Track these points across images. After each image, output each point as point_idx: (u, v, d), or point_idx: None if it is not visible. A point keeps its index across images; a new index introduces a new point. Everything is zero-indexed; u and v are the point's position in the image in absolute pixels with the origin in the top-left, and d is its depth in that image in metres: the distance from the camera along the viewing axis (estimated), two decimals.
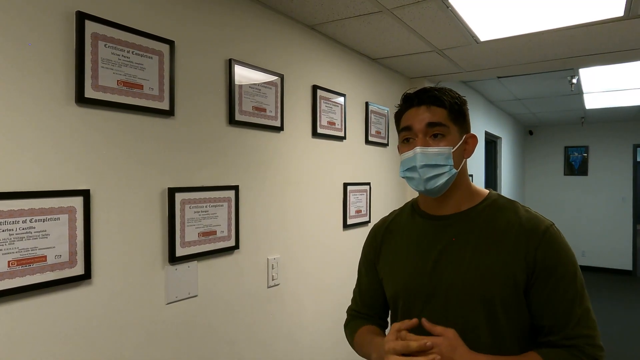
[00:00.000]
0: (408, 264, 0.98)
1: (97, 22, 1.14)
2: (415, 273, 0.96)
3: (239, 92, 1.56)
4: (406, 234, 1.03)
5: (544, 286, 0.86)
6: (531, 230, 0.88)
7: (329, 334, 2.10)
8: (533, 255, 0.86)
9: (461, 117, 0.95)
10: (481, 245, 0.91)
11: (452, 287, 0.91)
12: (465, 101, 0.98)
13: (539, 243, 0.87)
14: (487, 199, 0.97)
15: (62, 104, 1.08)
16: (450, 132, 0.92)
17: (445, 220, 0.96)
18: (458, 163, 0.93)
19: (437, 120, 0.92)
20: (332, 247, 2.14)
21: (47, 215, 1.04)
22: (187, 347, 1.40)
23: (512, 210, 0.93)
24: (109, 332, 1.18)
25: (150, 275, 1.29)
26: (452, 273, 0.91)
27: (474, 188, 0.99)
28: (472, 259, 0.90)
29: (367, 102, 2.40)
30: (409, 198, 2.94)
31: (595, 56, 2.32)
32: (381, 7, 1.68)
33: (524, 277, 0.86)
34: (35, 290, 1.02)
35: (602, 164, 6.39)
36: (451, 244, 0.93)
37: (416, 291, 0.95)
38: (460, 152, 0.94)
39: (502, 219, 0.92)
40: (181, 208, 1.36)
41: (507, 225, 0.91)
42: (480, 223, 0.93)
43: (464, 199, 0.97)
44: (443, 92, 0.94)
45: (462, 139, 0.94)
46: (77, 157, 1.11)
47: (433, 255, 0.94)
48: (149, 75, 1.27)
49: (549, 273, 0.86)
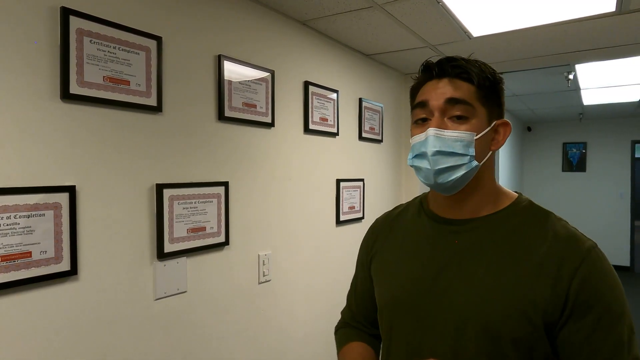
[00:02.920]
0: (402, 273, 0.82)
1: (82, 17, 1.13)
2: (410, 285, 0.79)
3: (228, 88, 1.56)
4: (407, 236, 0.85)
5: (578, 328, 0.67)
6: (567, 252, 0.69)
7: (321, 330, 2.10)
8: (567, 286, 0.67)
9: (494, 98, 0.76)
10: (498, 263, 0.72)
11: (452, 310, 0.73)
12: (501, 79, 0.78)
13: (576, 271, 0.67)
14: (514, 205, 0.78)
15: (47, 100, 1.08)
16: (477, 115, 0.74)
17: (458, 225, 0.78)
18: (482, 155, 0.75)
19: (461, 96, 0.73)
20: (325, 244, 2.14)
21: (31, 212, 1.04)
22: (176, 343, 1.40)
23: (544, 223, 0.74)
24: (97, 328, 1.19)
25: (139, 271, 1.29)
26: (455, 292, 0.73)
27: (499, 189, 0.80)
28: (484, 278, 0.72)
29: (361, 98, 2.39)
30: (403, 195, 2.94)
31: (589, 52, 2.32)
32: (372, 3, 1.68)
33: (551, 312, 0.67)
34: (21, 286, 1.03)
35: (600, 160, 6.38)
36: (460, 256, 0.75)
37: (407, 307, 0.78)
38: (487, 141, 0.76)
39: (530, 232, 0.73)
40: (170, 204, 1.36)
41: (536, 241, 0.72)
42: (501, 234, 0.74)
43: (485, 201, 0.78)
44: (473, 63, 0.76)
45: (490, 126, 0.76)
46: (63, 153, 1.11)
47: (435, 267, 0.77)
48: (136, 71, 1.26)
49: (586, 311, 0.66)
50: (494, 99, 0.77)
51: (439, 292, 0.75)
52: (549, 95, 4.46)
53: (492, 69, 0.78)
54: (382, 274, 0.87)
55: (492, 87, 0.76)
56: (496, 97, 0.78)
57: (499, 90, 0.78)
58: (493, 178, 0.80)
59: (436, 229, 0.80)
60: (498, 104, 0.78)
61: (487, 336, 0.69)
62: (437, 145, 0.73)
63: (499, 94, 0.78)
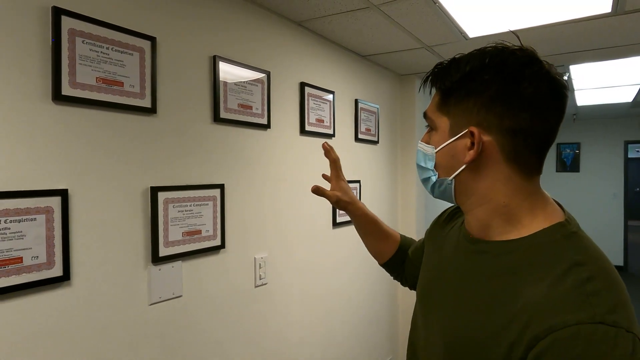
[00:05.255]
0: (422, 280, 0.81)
1: (75, 17, 1.11)
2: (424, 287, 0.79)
3: (224, 90, 1.54)
4: (445, 238, 0.80)
5: None
6: (538, 317, 0.52)
7: (317, 333, 2.09)
8: (523, 351, 0.52)
9: (461, 102, 0.63)
10: (479, 304, 0.61)
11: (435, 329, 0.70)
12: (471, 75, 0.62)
13: (539, 339, 0.51)
14: (536, 236, 0.60)
15: (38, 102, 1.05)
16: (437, 126, 0.67)
17: (468, 243, 0.69)
18: (449, 168, 0.66)
19: (427, 110, 0.70)
20: (322, 246, 2.12)
21: (22, 216, 1.01)
22: (172, 348, 1.38)
23: (554, 273, 0.55)
24: (90, 334, 1.16)
25: (133, 275, 1.27)
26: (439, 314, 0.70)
27: (521, 209, 0.63)
28: (460, 313, 0.64)
29: (357, 99, 2.38)
30: (400, 196, 2.93)
31: (585, 53, 2.32)
32: (368, 4, 1.67)
33: None
34: (12, 292, 1.00)
35: (594, 161, 6.43)
36: (456, 280, 0.68)
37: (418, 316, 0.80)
38: (452, 153, 0.65)
39: (528, 284, 0.56)
40: (164, 207, 1.34)
41: (527, 293, 0.55)
42: (497, 271, 0.61)
43: (491, 222, 0.65)
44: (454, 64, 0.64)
45: (456, 136, 0.64)
46: (55, 156, 1.09)
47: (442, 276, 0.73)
48: (130, 72, 1.24)
49: None
50: (464, 103, 0.63)
51: (434, 303, 0.73)
52: None
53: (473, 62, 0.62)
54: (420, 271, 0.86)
55: (457, 90, 0.63)
56: (472, 98, 0.62)
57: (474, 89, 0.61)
58: (505, 193, 0.63)
59: (458, 241, 0.73)
60: (477, 103, 0.61)
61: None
62: (417, 158, 0.73)
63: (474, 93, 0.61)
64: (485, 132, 0.61)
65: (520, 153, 0.61)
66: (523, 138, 0.60)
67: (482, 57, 0.61)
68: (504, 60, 0.60)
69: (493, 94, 0.60)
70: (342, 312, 2.28)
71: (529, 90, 0.59)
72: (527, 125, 0.60)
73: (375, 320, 2.64)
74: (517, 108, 0.59)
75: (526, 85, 0.59)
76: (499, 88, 0.60)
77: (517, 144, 0.61)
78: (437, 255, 0.80)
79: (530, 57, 0.60)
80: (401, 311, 2.97)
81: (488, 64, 0.61)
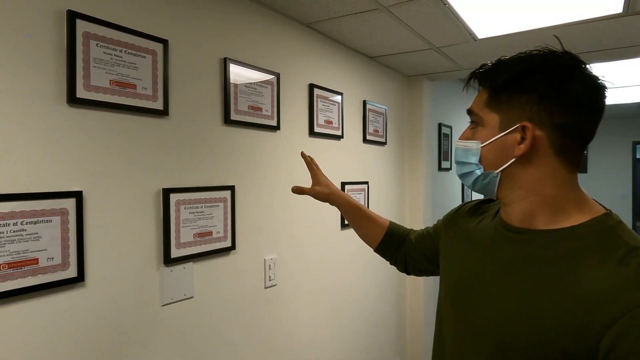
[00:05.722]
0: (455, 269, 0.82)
1: (89, 21, 1.12)
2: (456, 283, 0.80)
3: (234, 91, 1.55)
4: (476, 230, 0.82)
5: None
6: (617, 296, 0.56)
7: (327, 333, 2.09)
8: (597, 335, 0.55)
9: (512, 99, 0.67)
10: (535, 286, 0.64)
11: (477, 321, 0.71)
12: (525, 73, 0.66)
13: (617, 319, 0.54)
14: (586, 226, 0.65)
15: (53, 105, 1.06)
16: (484, 122, 0.71)
17: (513, 233, 0.72)
18: (495, 162, 0.70)
19: (472, 107, 0.74)
20: (330, 247, 2.12)
21: (38, 218, 1.02)
22: (183, 349, 1.39)
23: (615, 256, 0.60)
24: (104, 335, 1.17)
25: (145, 277, 1.28)
26: (485, 303, 0.71)
27: (568, 200, 0.68)
28: (515, 298, 0.66)
29: (365, 100, 2.38)
30: (407, 197, 2.93)
31: (594, 53, 2.31)
32: (378, 5, 1.67)
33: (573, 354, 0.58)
34: (28, 293, 1.01)
35: (602, 161, 6.38)
36: (505, 267, 0.70)
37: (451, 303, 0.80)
38: (502, 147, 0.69)
39: (588, 263, 0.61)
40: (176, 209, 1.35)
41: (590, 276, 0.60)
42: (553, 255, 0.65)
43: (538, 212, 0.68)
44: (502, 64, 0.69)
45: (506, 131, 0.68)
46: (69, 158, 1.10)
47: (479, 268, 0.75)
48: (142, 75, 1.25)
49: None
50: (516, 99, 0.67)
51: (477, 302, 0.73)
52: None
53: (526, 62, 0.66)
54: (445, 262, 0.87)
55: (509, 87, 0.67)
56: (524, 95, 0.66)
57: (527, 86, 0.66)
58: (548, 189, 0.67)
59: (496, 233, 0.76)
60: (529, 100, 0.66)
61: (498, 355, 0.66)
62: (455, 155, 0.77)
63: (527, 90, 0.66)
64: (537, 127, 0.66)
65: (567, 147, 0.66)
66: (570, 133, 0.65)
67: (532, 58, 0.67)
68: (555, 61, 0.66)
69: (544, 91, 0.65)
70: (350, 312, 2.28)
71: (578, 89, 0.64)
72: (574, 122, 0.65)
73: (383, 321, 2.64)
74: (566, 105, 0.64)
75: (575, 84, 0.64)
76: (551, 86, 0.65)
77: (564, 139, 0.66)
78: (468, 247, 0.81)
79: (576, 60, 0.66)
80: (409, 312, 2.97)
81: (539, 65, 0.66)
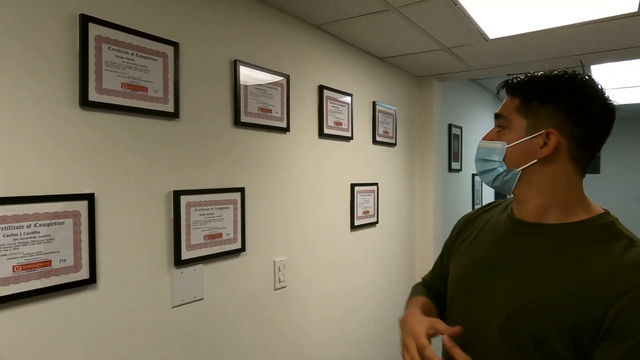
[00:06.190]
0: (469, 257, 0.92)
1: (101, 24, 1.13)
2: (469, 269, 0.89)
3: (244, 93, 1.55)
4: (487, 227, 0.94)
5: (610, 352, 0.66)
6: (622, 277, 0.67)
7: (337, 335, 2.08)
8: (604, 309, 0.66)
9: (539, 108, 0.79)
10: (550, 272, 0.74)
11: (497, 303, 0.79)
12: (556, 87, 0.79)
13: (622, 295, 0.65)
14: (590, 221, 0.77)
15: (66, 108, 1.07)
16: (512, 126, 0.82)
17: (524, 227, 0.83)
18: (518, 161, 0.81)
19: (500, 111, 0.85)
20: (340, 249, 2.12)
21: (51, 220, 1.03)
22: (193, 351, 1.39)
23: (615, 244, 0.72)
24: (115, 336, 1.18)
25: (156, 278, 1.28)
26: (502, 287, 0.80)
27: (575, 200, 0.80)
28: (529, 282, 0.76)
29: (375, 101, 2.37)
30: (417, 198, 2.91)
31: (608, 53, 2.27)
32: (388, 6, 1.66)
33: (585, 333, 0.68)
34: (40, 295, 1.02)
35: (615, 162, 6.28)
36: (518, 256, 0.81)
37: (463, 287, 0.89)
38: (527, 149, 0.80)
39: (594, 249, 0.73)
40: (186, 211, 1.35)
41: (596, 258, 0.72)
42: (562, 244, 0.76)
43: (550, 208, 0.80)
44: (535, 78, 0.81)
45: (532, 135, 0.79)
46: (82, 161, 1.11)
47: (494, 259, 0.85)
48: (154, 78, 1.26)
49: (622, 337, 0.64)
50: (545, 109, 0.79)
51: (489, 282, 0.83)
52: None
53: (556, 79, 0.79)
54: (457, 255, 0.98)
55: (540, 97, 0.79)
56: (552, 105, 0.78)
57: (556, 98, 0.78)
58: (560, 188, 0.79)
59: (507, 226, 0.87)
60: (557, 111, 0.78)
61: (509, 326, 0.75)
62: (478, 154, 0.89)
63: (555, 102, 0.78)
64: (560, 134, 0.77)
65: (580, 155, 0.78)
66: (585, 144, 0.78)
67: (562, 76, 0.79)
68: (582, 81, 0.78)
69: (570, 105, 0.77)
70: (360, 314, 2.27)
71: (597, 108, 0.77)
72: (590, 134, 0.77)
73: (393, 322, 2.62)
74: (587, 119, 0.77)
75: (596, 104, 0.77)
76: (577, 102, 0.77)
77: (580, 148, 0.78)
78: (478, 240, 0.93)
79: (596, 84, 0.79)
80: None
81: (567, 83, 0.78)
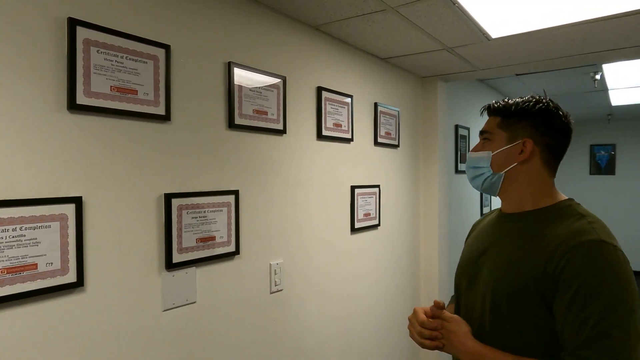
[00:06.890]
0: (468, 249, 1.13)
1: (89, 27, 1.13)
2: (467, 257, 1.10)
3: (238, 96, 1.54)
4: (484, 225, 1.14)
5: (560, 300, 0.85)
6: (566, 240, 0.86)
7: (334, 340, 2.06)
8: (554, 266, 0.86)
9: (520, 123, 0.99)
10: (518, 245, 0.95)
11: (483, 279, 1.00)
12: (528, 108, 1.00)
13: (565, 254, 0.85)
14: (554, 206, 0.98)
15: (53, 111, 1.07)
16: (495, 138, 1.02)
17: (506, 217, 1.05)
18: (502, 165, 1.02)
19: (486, 128, 1.05)
20: (340, 251, 2.09)
21: (37, 223, 1.03)
22: (185, 354, 1.38)
23: (569, 219, 0.92)
24: (104, 340, 1.18)
25: (146, 282, 1.28)
26: (487, 266, 1.00)
27: (542, 192, 1.00)
28: (505, 256, 0.97)
29: (376, 102, 2.34)
30: (422, 200, 2.87)
31: (617, 51, 2.20)
32: (385, 6, 1.63)
33: (544, 287, 0.87)
34: (26, 298, 1.02)
35: (631, 163, 6.13)
36: (500, 239, 1.01)
37: (463, 272, 1.10)
38: (510, 155, 1.00)
39: (553, 225, 0.93)
40: (178, 214, 1.35)
41: (553, 231, 0.91)
42: (530, 224, 0.97)
43: (526, 199, 1.01)
44: (512, 102, 1.02)
45: (513, 144, 1.00)
46: (69, 164, 1.11)
47: (485, 245, 1.04)
48: (144, 81, 1.25)
49: (567, 287, 0.84)
50: (520, 124, 1.00)
51: (479, 265, 1.03)
52: (575, 96, 4.29)
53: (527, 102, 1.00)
54: (462, 253, 1.17)
55: (516, 115, 1.00)
56: (525, 121, 0.99)
57: (528, 116, 0.99)
58: (535, 183, 1.00)
59: (497, 220, 1.08)
60: (529, 125, 0.99)
61: (490, 293, 0.96)
62: (468, 163, 1.09)
63: (528, 118, 0.99)
64: (534, 143, 0.99)
65: (550, 159, 1.01)
66: (552, 150, 1.00)
67: (532, 100, 1.01)
68: (547, 104, 1.00)
69: (540, 120, 0.99)
70: (361, 319, 2.24)
71: (559, 123, 1.00)
72: (556, 142, 1.00)
73: (395, 328, 2.59)
74: (553, 131, 0.99)
75: (558, 120, 1.00)
76: (545, 118, 0.99)
77: (549, 153, 1.00)
78: (477, 236, 1.13)
79: (558, 106, 1.01)
80: None
81: (537, 104, 1.00)
